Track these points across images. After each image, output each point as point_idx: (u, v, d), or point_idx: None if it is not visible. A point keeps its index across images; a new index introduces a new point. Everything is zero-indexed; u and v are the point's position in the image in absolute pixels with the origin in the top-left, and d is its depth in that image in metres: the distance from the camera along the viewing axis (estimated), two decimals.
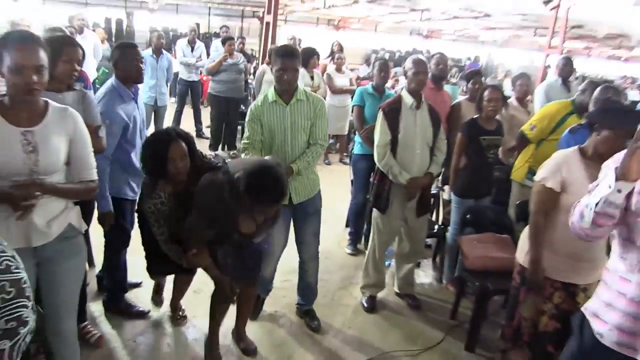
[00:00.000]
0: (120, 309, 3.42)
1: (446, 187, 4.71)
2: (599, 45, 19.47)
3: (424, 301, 3.99)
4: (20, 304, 1.37)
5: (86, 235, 2.79)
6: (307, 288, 3.62)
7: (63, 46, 2.73)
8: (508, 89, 7.00)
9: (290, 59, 3.12)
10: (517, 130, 4.36)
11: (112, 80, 3.19)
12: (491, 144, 3.93)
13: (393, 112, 3.61)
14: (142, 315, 3.45)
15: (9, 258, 1.37)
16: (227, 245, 2.83)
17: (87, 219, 2.59)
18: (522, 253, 2.81)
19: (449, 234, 4.20)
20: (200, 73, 8.75)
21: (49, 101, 2.14)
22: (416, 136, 3.59)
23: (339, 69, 7.46)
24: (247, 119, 3.25)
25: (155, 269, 3.25)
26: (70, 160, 2.18)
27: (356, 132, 4.88)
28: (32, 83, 1.93)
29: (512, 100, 4.86)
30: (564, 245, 2.60)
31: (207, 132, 8.44)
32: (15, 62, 1.91)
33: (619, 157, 1.80)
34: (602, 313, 1.89)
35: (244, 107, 8.23)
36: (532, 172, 3.74)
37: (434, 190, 4.65)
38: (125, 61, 3.16)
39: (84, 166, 2.22)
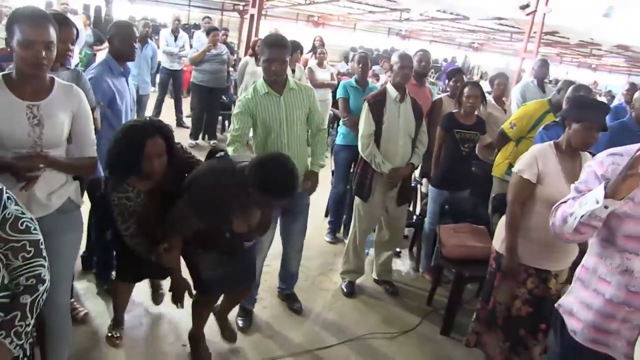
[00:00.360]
0: (110, 285, 3.45)
1: (424, 180, 4.88)
2: (571, 52, 20.01)
3: (401, 288, 4.14)
4: (38, 263, 1.45)
5: None
6: (288, 275, 3.71)
7: (60, 26, 2.78)
8: (485, 89, 7.20)
9: (279, 49, 3.03)
10: (494, 127, 4.55)
11: (105, 56, 3.31)
12: (465, 137, 4.08)
13: (378, 104, 3.74)
14: None
15: (28, 220, 1.44)
16: (213, 251, 2.68)
17: None
18: (498, 240, 2.96)
19: (426, 224, 4.36)
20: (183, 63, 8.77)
21: (55, 78, 2.20)
22: (399, 128, 3.73)
23: (320, 64, 7.56)
24: (235, 112, 3.15)
25: (126, 273, 3.01)
26: (72, 136, 2.25)
27: (338, 124, 5.00)
28: (41, 58, 1.98)
29: (490, 99, 5.02)
30: (538, 234, 2.75)
31: (187, 121, 8.47)
32: (25, 37, 1.96)
33: (601, 158, 1.86)
34: (578, 311, 1.93)
35: (225, 98, 8.29)
36: (512, 168, 3.90)
37: (412, 183, 4.80)
38: (121, 38, 3.28)
39: (86, 143, 2.29)
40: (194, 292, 2.78)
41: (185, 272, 2.78)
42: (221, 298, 3.13)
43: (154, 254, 2.58)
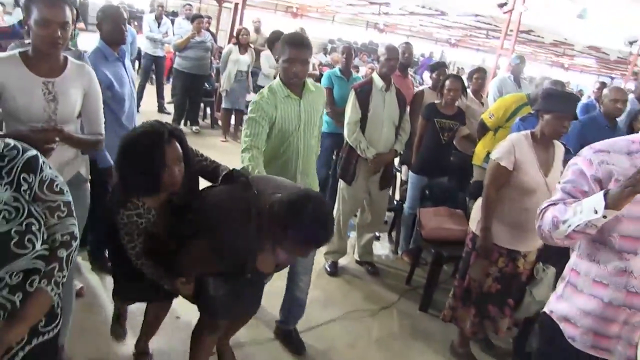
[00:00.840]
0: (103, 262, 3.56)
1: (403, 168, 5.09)
2: (545, 52, 20.49)
3: (381, 269, 4.35)
4: (71, 222, 1.58)
5: None
6: (294, 303, 3.17)
7: None
8: None
9: (302, 49, 2.79)
10: (471, 120, 4.78)
11: (97, 42, 3.31)
12: (445, 126, 4.30)
13: (364, 93, 3.93)
14: None
15: (61, 182, 1.58)
16: (227, 279, 2.33)
17: None
18: (474, 222, 3.16)
19: (405, 208, 4.58)
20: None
21: (68, 56, 2.32)
22: (384, 116, 3.93)
23: None
24: (251, 115, 2.79)
25: (126, 293, 2.68)
26: (82, 113, 2.38)
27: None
28: (57, 37, 2.09)
29: (469, 93, 5.26)
30: (510, 217, 2.96)
31: (169, 108, 8.54)
32: (43, 16, 2.06)
33: (587, 155, 1.77)
34: (575, 317, 1.84)
35: (207, 85, 8.37)
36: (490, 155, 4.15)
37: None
38: (110, 22, 3.27)
39: (95, 120, 2.42)
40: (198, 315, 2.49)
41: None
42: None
43: (166, 282, 2.34)
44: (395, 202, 5.06)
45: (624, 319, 1.74)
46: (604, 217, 1.60)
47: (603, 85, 6.37)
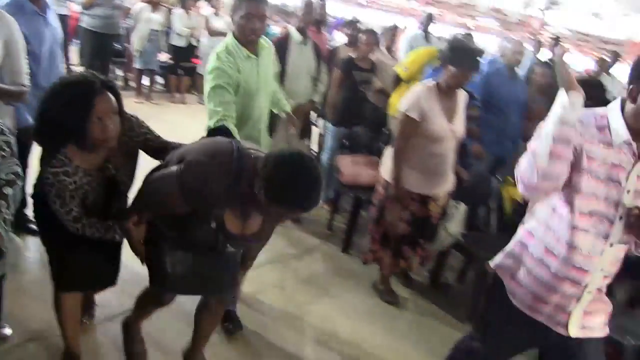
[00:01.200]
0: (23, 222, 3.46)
1: (319, 121, 5.26)
2: (450, 13, 21.18)
3: (302, 218, 4.52)
4: (14, 162, 1.62)
5: None
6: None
7: None
8: None
9: (260, 4, 2.62)
10: (384, 74, 5.01)
11: None
12: (363, 79, 4.52)
13: (281, 46, 4.02)
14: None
15: (1, 122, 1.61)
16: (190, 244, 2.09)
17: None
18: (386, 170, 3.30)
19: (324, 159, 4.77)
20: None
21: None
22: (302, 68, 4.06)
23: (216, 12, 7.65)
24: (214, 83, 2.56)
25: (70, 281, 2.24)
26: (4, 64, 2.33)
27: None
28: None
29: (382, 48, 5.49)
30: (420, 163, 3.15)
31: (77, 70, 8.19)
32: None
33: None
34: (520, 276, 1.89)
35: (118, 45, 8.08)
36: None
37: None
38: None
39: (18, 70, 2.38)
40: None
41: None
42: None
43: (115, 231, 2.09)
44: (313, 153, 5.23)
45: (565, 290, 1.79)
46: (572, 105, 1.59)
47: (505, 42, 6.83)
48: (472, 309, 3.34)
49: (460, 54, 3.07)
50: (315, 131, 5.31)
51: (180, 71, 8.15)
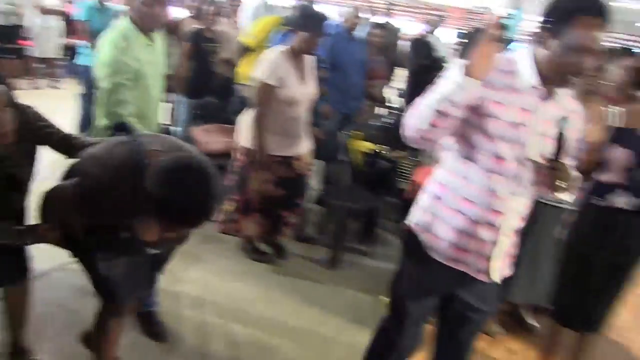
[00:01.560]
0: None
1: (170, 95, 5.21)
2: None
3: None
4: None
5: None
6: None
7: None
8: None
9: None
10: (230, 44, 5.08)
11: None
12: (212, 50, 4.61)
13: None
14: None
15: None
16: (112, 248, 1.96)
17: None
18: (245, 137, 3.30)
19: (179, 130, 4.76)
20: None
21: None
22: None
23: None
24: (114, 80, 2.38)
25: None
26: None
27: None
28: None
29: (224, 19, 5.54)
30: (279, 127, 3.23)
31: None
32: None
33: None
34: (437, 230, 1.85)
35: None
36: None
37: None
38: None
39: None
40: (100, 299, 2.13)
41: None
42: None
43: (29, 236, 1.94)
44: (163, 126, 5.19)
45: (484, 235, 1.79)
46: (464, 88, 1.55)
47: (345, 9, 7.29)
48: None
49: (311, 20, 3.19)
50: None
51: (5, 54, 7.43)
